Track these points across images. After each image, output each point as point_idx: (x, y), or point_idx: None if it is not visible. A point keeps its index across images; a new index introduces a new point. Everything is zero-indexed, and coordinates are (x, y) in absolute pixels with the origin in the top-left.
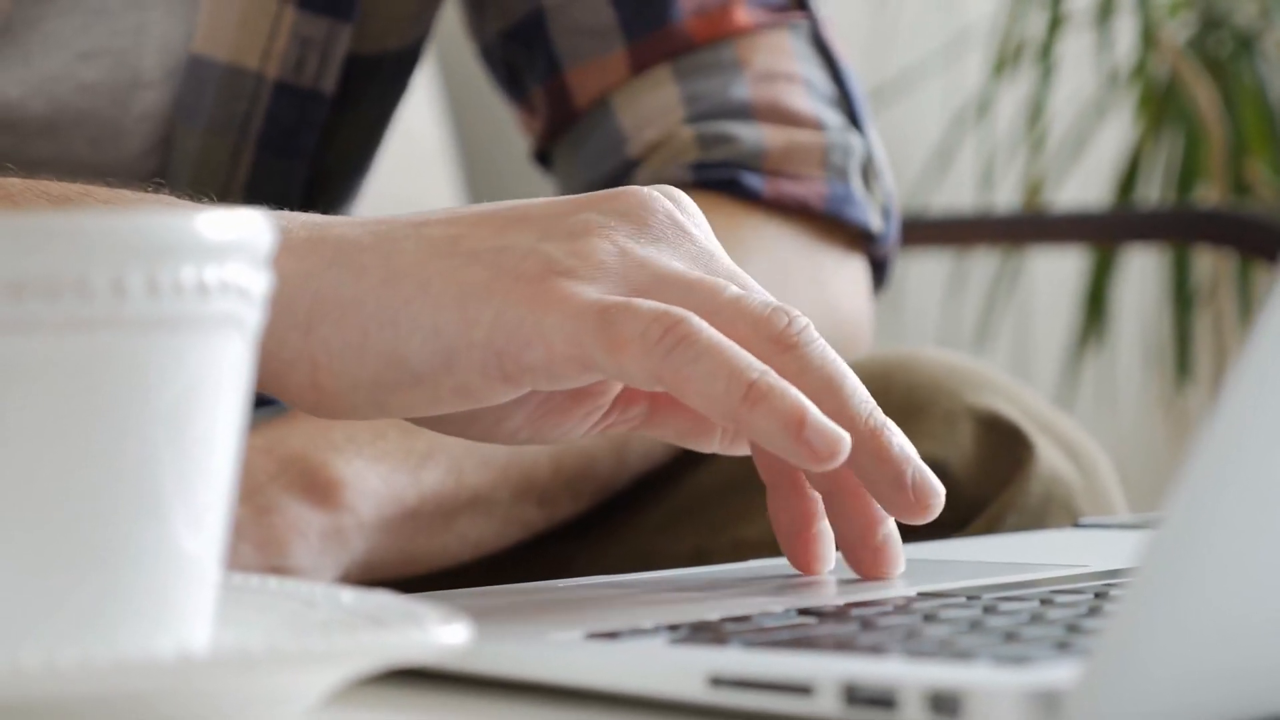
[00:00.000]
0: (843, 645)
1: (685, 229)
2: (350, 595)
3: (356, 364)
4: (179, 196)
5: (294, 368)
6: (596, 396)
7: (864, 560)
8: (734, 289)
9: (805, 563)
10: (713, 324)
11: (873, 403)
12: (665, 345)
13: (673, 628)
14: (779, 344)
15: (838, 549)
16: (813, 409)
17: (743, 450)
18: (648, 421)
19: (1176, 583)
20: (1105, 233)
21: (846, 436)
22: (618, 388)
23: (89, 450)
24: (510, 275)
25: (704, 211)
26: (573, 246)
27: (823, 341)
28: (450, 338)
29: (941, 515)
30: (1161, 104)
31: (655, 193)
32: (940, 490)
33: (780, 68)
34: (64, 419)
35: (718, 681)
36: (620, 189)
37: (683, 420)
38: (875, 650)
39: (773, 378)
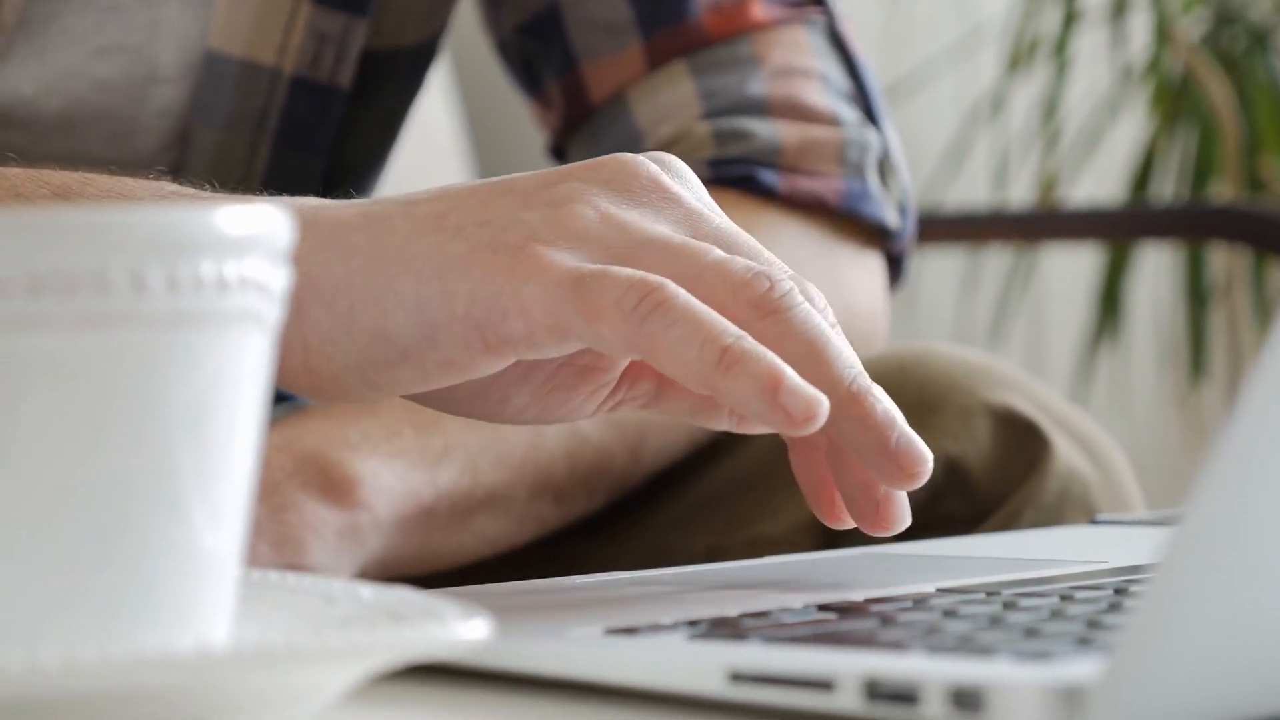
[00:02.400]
0: (863, 641)
1: (671, 191)
2: (369, 591)
3: (346, 344)
4: (183, 184)
5: (288, 351)
6: (602, 373)
7: (867, 514)
8: (717, 253)
9: (832, 514)
10: (693, 289)
11: (858, 367)
12: (641, 312)
13: (692, 623)
14: (760, 309)
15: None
16: (789, 372)
17: (753, 427)
18: (656, 399)
19: (1198, 578)
20: (1119, 229)
21: (824, 399)
22: (623, 364)
23: (107, 447)
24: (489, 247)
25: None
26: (554, 215)
27: (806, 305)
28: (431, 312)
29: (958, 511)
30: (1176, 100)
31: (641, 158)
32: (927, 455)
33: (797, 63)
34: (82, 416)
35: (738, 677)
36: (606, 156)
37: (691, 396)
38: (896, 646)
39: (748, 342)
